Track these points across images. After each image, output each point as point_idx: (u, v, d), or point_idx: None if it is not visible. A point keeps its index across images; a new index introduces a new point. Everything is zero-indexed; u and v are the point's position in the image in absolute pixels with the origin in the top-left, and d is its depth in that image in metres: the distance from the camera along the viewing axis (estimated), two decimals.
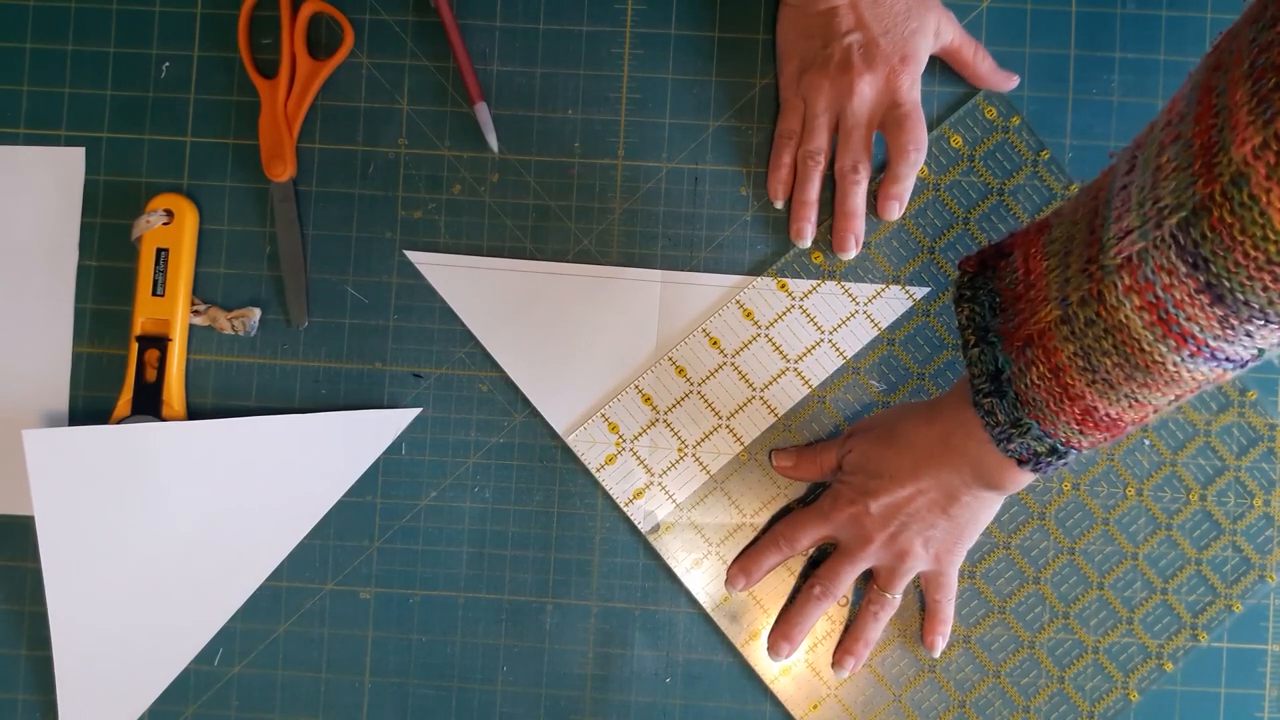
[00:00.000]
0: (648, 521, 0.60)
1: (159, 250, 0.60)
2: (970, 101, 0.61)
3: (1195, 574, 0.60)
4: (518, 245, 0.62)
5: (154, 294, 0.60)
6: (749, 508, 0.61)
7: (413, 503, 0.61)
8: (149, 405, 0.60)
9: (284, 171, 0.61)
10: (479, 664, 0.61)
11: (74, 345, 0.62)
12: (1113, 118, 0.61)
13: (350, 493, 0.61)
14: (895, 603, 0.58)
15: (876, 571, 0.58)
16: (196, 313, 0.61)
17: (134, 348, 0.61)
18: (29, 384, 0.62)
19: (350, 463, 0.61)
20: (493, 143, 0.61)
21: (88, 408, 0.62)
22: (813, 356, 0.61)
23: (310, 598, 0.61)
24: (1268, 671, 0.60)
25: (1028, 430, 0.46)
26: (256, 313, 0.61)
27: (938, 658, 0.60)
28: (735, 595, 0.60)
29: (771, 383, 0.61)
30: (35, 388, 0.62)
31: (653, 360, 0.61)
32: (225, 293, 0.62)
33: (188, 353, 0.62)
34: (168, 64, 0.62)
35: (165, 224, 0.60)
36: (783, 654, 0.59)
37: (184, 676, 0.61)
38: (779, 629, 0.59)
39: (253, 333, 0.61)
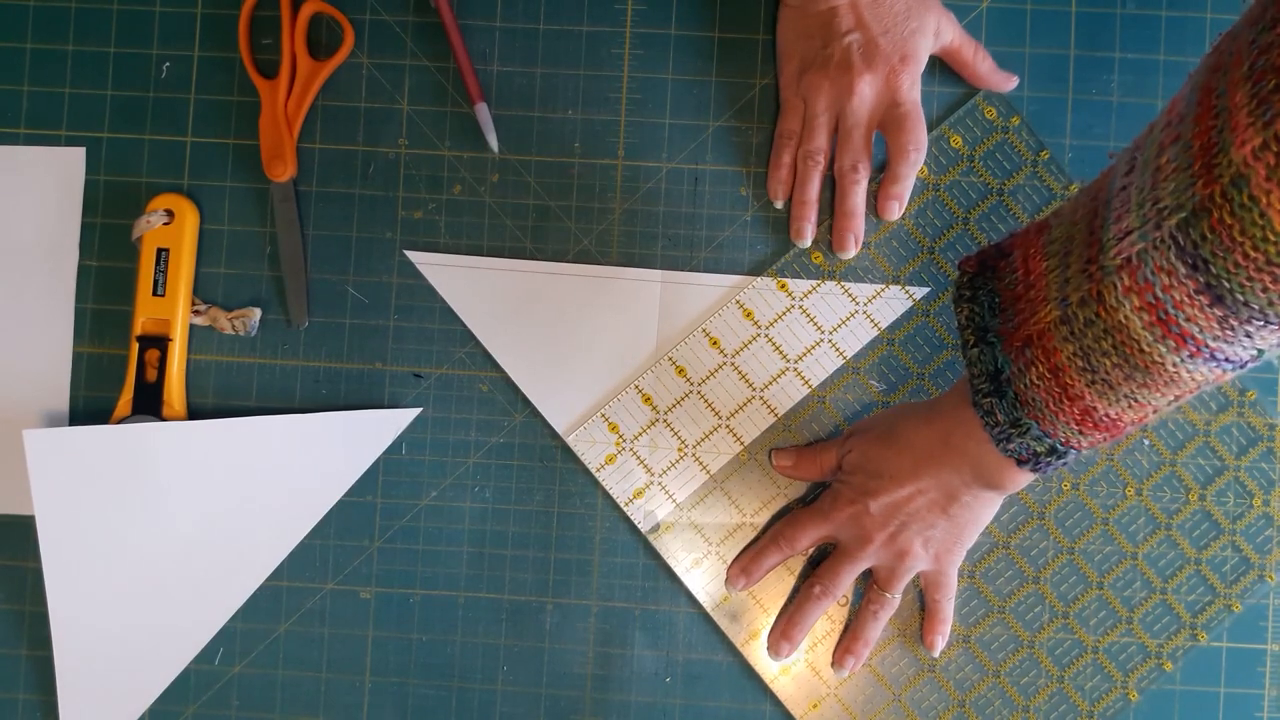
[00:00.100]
0: (648, 521, 0.60)
1: (159, 250, 0.60)
2: (970, 102, 0.61)
3: (1195, 574, 0.60)
4: (518, 245, 0.62)
5: (154, 294, 0.61)
6: (749, 508, 0.61)
7: (413, 503, 0.61)
8: (149, 405, 0.60)
9: (284, 171, 0.61)
10: (479, 664, 0.61)
11: (74, 345, 0.62)
12: (1112, 118, 0.61)
13: (350, 493, 0.61)
14: (895, 602, 0.58)
15: (876, 571, 0.58)
16: (197, 313, 0.61)
17: (134, 348, 0.61)
18: (29, 384, 0.62)
19: (350, 463, 0.61)
20: (493, 143, 0.61)
21: (88, 408, 0.62)
22: (813, 356, 0.61)
23: (310, 598, 0.61)
24: (1267, 671, 0.60)
25: (1027, 430, 0.46)
26: (257, 313, 0.61)
27: (937, 657, 0.60)
28: (735, 595, 0.60)
29: (771, 383, 0.61)
30: (35, 388, 0.62)
31: (653, 360, 0.61)
32: (226, 293, 0.62)
33: (188, 353, 0.62)
34: (168, 64, 0.62)
35: (166, 224, 0.60)
36: (783, 654, 0.59)
37: (184, 676, 0.61)
38: (779, 629, 0.59)
39: (253, 333, 0.61)
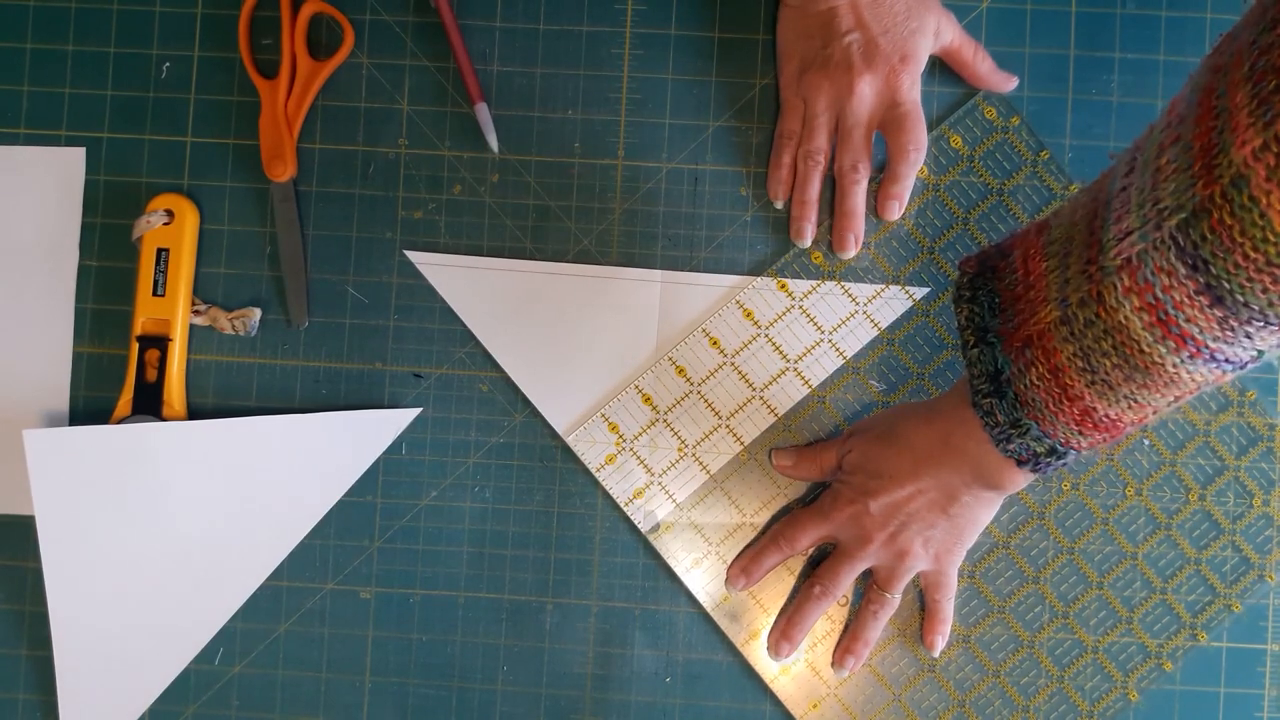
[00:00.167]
0: (648, 521, 0.60)
1: (159, 250, 0.60)
2: (970, 102, 0.61)
3: (1195, 574, 0.60)
4: (518, 245, 0.62)
5: (154, 294, 0.61)
6: (749, 508, 0.61)
7: (413, 503, 0.61)
8: (149, 405, 0.60)
9: (284, 171, 0.61)
10: (479, 664, 0.61)
11: (74, 345, 0.62)
12: (1112, 118, 0.61)
13: (350, 493, 0.61)
14: (895, 602, 0.58)
15: (876, 571, 0.58)
16: (197, 313, 0.61)
17: (134, 348, 0.61)
18: (29, 384, 0.62)
19: (350, 463, 0.61)
20: (493, 143, 0.61)
21: (88, 408, 0.62)
22: (813, 356, 0.61)
23: (310, 597, 0.61)
24: (1267, 671, 0.60)
25: (1027, 431, 0.46)
26: (257, 313, 0.61)
27: (937, 657, 0.60)
28: (735, 595, 0.60)
29: (771, 383, 0.61)
30: (35, 388, 0.62)
31: (653, 360, 0.61)
32: (226, 293, 0.62)
33: (188, 353, 0.62)
34: (168, 64, 0.62)
35: (166, 224, 0.60)
36: (783, 654, 0.59)
37: (184, 676, 0.61)
38: (779, 629, 0.59)
39: (253, 333, 0.61)
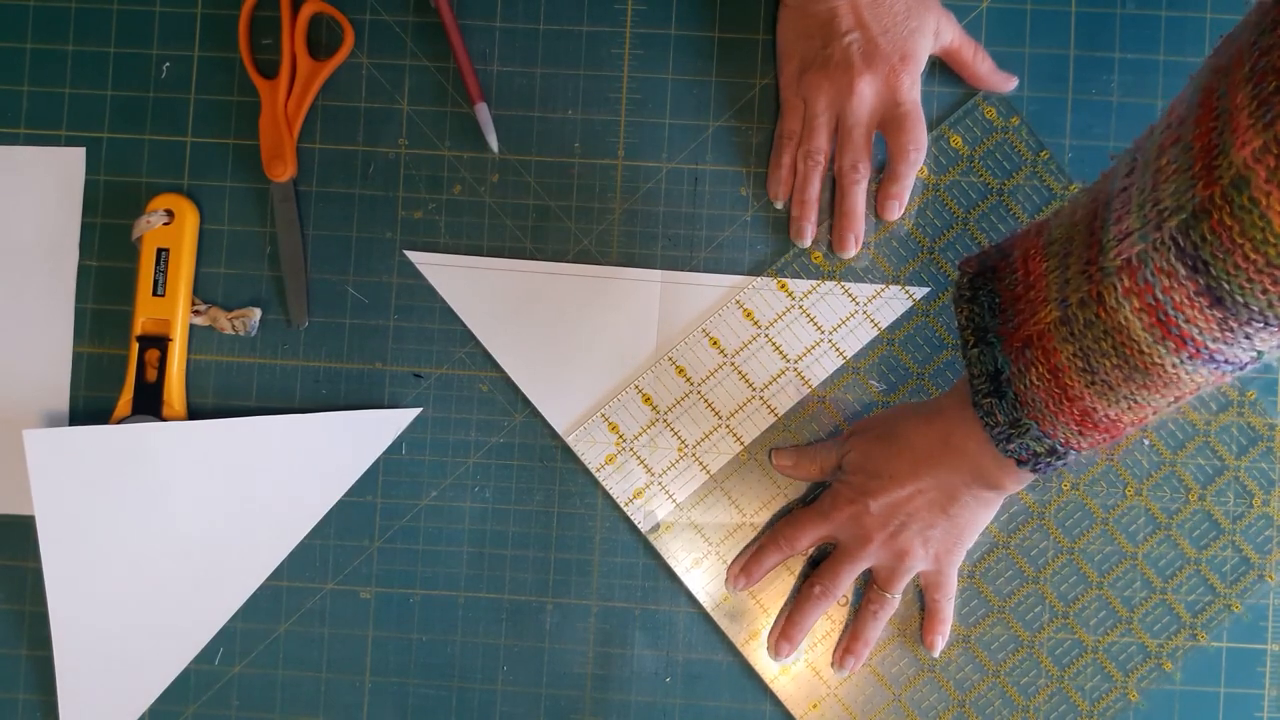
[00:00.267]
0: (648, 521, 0.60)
1: (159, 250, 0.60)
2: (970, 102, 0.61)
3: (1195, 574, 0.60)
4: (518, 245, 0.62)
5: (154, 294, 0.61)
6: (749, 508, 0.61)
7: (413, 503, 0.61)
8: (149, 405, 0.60)
9: (284, 171, 0.61)
10: (479, 664, 0.61)
11: (74, 345, 0.62)
12: (1112, 118, 0.61)
13: (350, 493, 0.61)
14: (895, 602, 0.58)
15: (876, 571, 0.58)
16: (197, 313, 0.61)
17: (134, 348, 0.61)
18: (29, 384, 0.62)
19: (350, 463, 0.61)
20: (493, 143, 0.61)
21: (88, 408, 0.62)
22: (813, 356, 0.61)
23: (310, 597, 0.61)
24: (1267, 671, 0.60)
25: (1027, 431, 0.46)
26: (257, 313, 0.61)
27: (937, 657, 0.60)
28: (735, 595, 0.60)
29: (771, 383, 0.61)
30: (35, 388, 0.62)
31: (653, 360, 0.61)
32: (226, 293, 0.62)
33: (188, 353, 0.62)
34: (168, 64, 0.62)
35: (166, 224, 0.60)
36: (783, 654, 0.59)
37: (184, 676, 0.61)
38: (779, 629, 0.59)
39: (253, 333, 0.61)
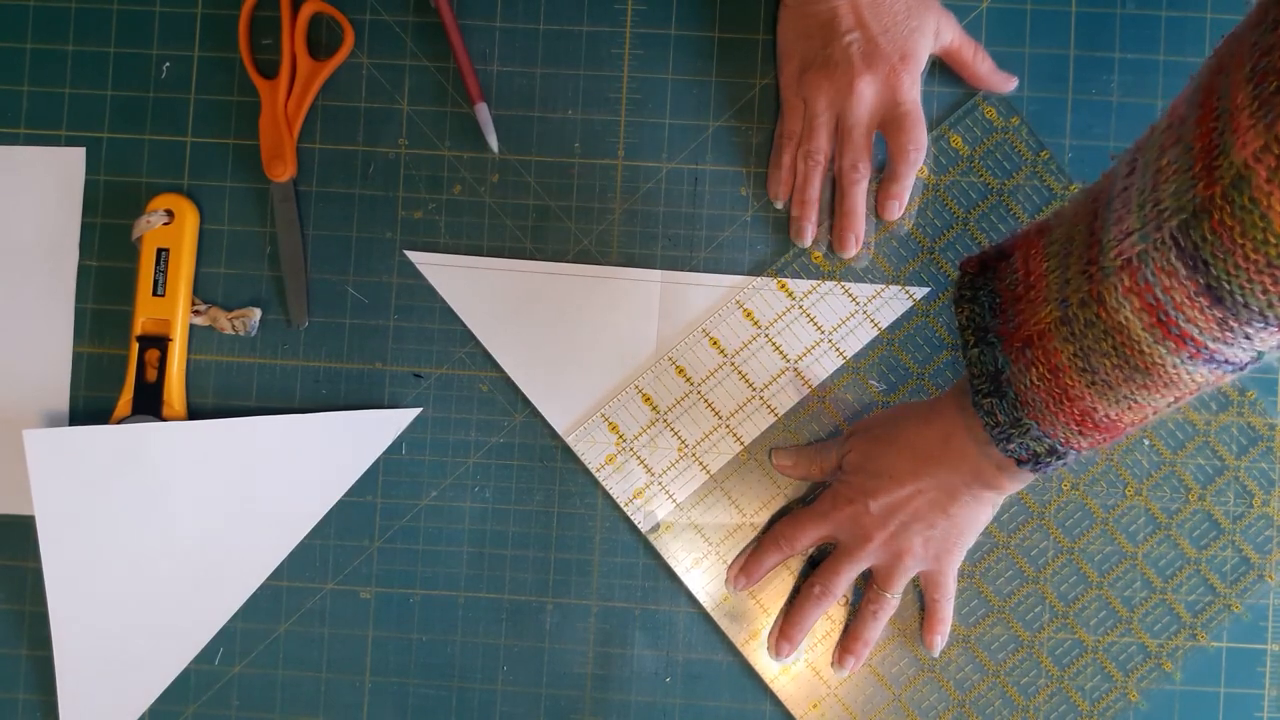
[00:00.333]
0: (648, 521, 0.60)
1: (159, 250, 0.60)
2: (970, 102, 0.61)
3: (1195, 574, 0.60)
4: (518, 245, 0.62)
5: (154, 294, 0.61)
6: (749, 508, 0.61)
7: (413, 503, 0.61)
8: (149, 405, 0.60)
9: (284, 171, 0.61)
10: (479, 664, 0.61)
11: (74, 345, 0.62)
12: (1112, 118, 0.61)
13: (350, 493, 0.61)
14: (895, 602, 0.58)
15: (876, 571, 0.58)
16: (197, 313, 0.61)
17: (134, 348, 0.61)
18: (29, 384, 0.62)
19: (350, 463, 0.61)
20: (493, 143, 0.61)
21: (88, 408, 0.62)
22: (813, 356, 0.61)
23: (310, 597, 0.61)
24: (1267, 671, 0.60)
25: (1027, 431, 0.46)
26: (257, 313, 0.61)
27: (937, 657, 0.60)
28: (735, 595, 0.60)
29: (771, 383, 0.61)
30: (35, 388, 0.62)
31: (653, 360, 0.61)
32: (226, 293, 0.62)
33: (188, 353, 0.62)
34: (168, 64, 0.62)
35: (166, 224, 0.60)
36: (783, 654, 0.59)
37: (184, 676, 0.61)
38: (779, 629, 0.59)
39: (253, 333, 0.61)
